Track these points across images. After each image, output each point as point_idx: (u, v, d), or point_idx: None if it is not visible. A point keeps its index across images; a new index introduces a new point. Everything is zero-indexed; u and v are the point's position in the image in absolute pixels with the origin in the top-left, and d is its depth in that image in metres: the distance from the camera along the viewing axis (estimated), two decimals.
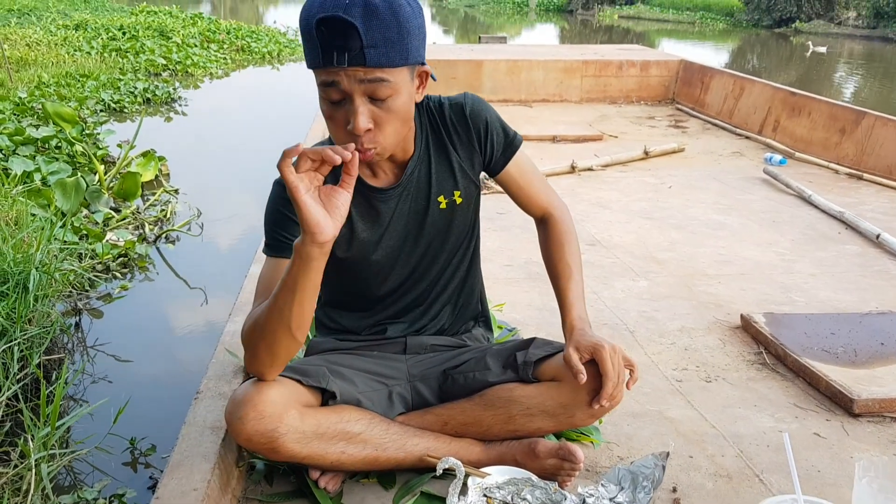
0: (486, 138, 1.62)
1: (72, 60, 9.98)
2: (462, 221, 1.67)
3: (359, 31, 1.26)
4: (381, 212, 1.57)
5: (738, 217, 3.98)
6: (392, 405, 1.68)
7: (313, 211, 1.21)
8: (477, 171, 1.65)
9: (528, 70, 7.78)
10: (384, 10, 1.28)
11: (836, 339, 2.42)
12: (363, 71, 1.29)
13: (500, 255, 3.36)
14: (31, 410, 2.20)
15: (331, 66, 1.29)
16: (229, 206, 5.18)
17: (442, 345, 1.79)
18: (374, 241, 1.59)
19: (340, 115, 1.35)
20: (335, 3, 1.26)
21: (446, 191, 1.61)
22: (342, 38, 1.26)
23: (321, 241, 1.23)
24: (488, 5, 42.11)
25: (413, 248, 1.64)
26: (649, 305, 2.83)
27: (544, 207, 1.77)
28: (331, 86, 1.32)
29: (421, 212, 1.61)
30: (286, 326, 1.33)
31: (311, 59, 1.32)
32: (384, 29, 1.28)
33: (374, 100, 1.34)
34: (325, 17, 1.25)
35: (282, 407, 1.40)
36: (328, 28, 1.26)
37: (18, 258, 2.78)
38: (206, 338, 3.27)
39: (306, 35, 1.31)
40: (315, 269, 1.27)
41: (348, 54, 1.27)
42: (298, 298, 1.30)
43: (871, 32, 24.96)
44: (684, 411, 2.08)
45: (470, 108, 1.60)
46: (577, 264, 1.72)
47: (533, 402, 1.63)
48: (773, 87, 6.24)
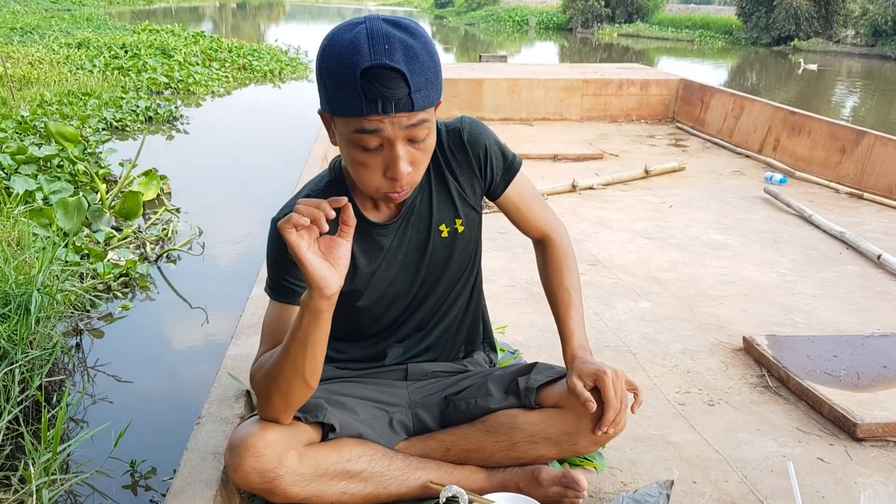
0: (485, 163, 1.60)
1: (74, 79, 10.02)
2: (464, 249, 1.66)
3: (406, 77, 1.22)
4: (382, 246, 1.56)
5: (739, 237, 3.98)
6: (393, 432, 1.67)
7: (318, 267, 1.21)
8: (478, 196, 1.64)
9: (529, 89, 7.81)
10: (422, 52, 1.25)
11: (839, 362, 2.42)
12: (407, 116, 1.26)
13: (501, 275, 3.36)
14: (32, 434, 2.19)
15: (375, 114, 1.24)
16: (231, 224, 5.19)
17: (443, 371, 1.79)
18: (376, 273, 1.58)
19: (376, 161, 1.31)
20: (375, 48, 1.22)
21: (447, 219, 1.60)
22: (390, 87, 1.22)
23: (328, 294, 1.24)
24: (488, 23, 42.32)
25: (414, 278, 1.63)
26: (651, 327, 2.83)
27: (543, 229, 1.76)
28: (370, 133, 1.27)
29: (422, 242, 1.60)
30: (300, 377, 1.34)
31: (349, 107, 1.25)
32: (425, 71, 1.25)
33: (412, 142, 1.31)
34: (372, 66, 1.20)
35: (281, 448, 1.40)
36: (376, 78, 1.21)
37: (20, 280, 2.79)
38: (207, 358, 3.26)
39: (343, 81, 1.23)
40: (325, 320, 1.28)
41: (395, 102, 1.23)
42: (311, 350, 1.31)
43: (869, 50, 25.07)
44: (687, 435, 2.07)
45: (468, 133, 1.57)
46: (576, 289, 1.72)
47: (536, 429, 1.62)
48: (772, 107, 6.26)
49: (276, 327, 1.44)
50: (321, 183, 1.55)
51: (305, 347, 1.31)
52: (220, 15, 47.23)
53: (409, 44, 1.24)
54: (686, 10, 43.64)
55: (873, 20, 24.78)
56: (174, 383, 3.12)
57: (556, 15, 40.72)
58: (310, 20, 48.87)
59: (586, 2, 36.71)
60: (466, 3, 52.43)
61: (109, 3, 44.29)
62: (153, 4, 52.09)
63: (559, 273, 1.72)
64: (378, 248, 1.56)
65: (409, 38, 1.25)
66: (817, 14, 27.69)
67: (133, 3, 49.61)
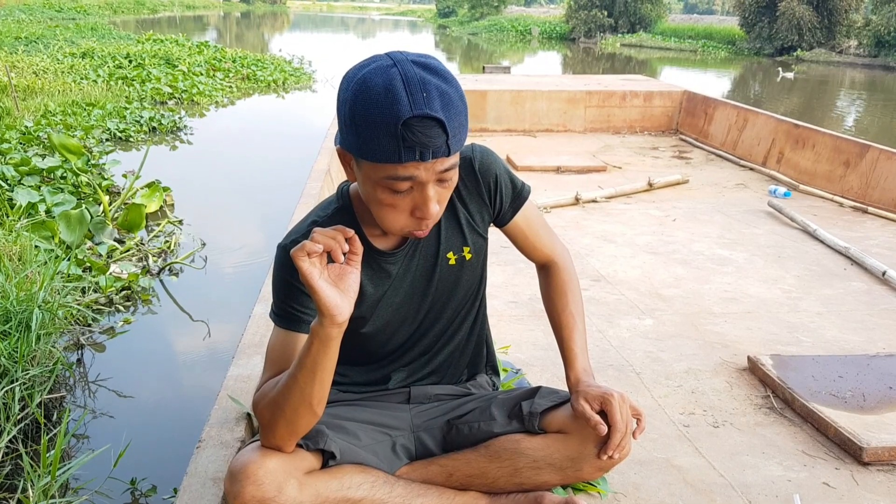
0: (495, 192, 1.60)
1: (78, 88, 10.05)
2: (470, 275, 1.65)
3: (445, 125, 1.22)
4: (390, 273, 1.55)
5: (743, 252, 3.97)
6: (396, 457, 1.66)
7: (329, 294, 1.21)
8: (486, 224, 1.64)
9: (532, 100, 7.81)
10: (455, 97, 1.25)
11: (844, 383, 2.40)
12: (442, 162, 1.26)
13: (504, 290, 3.35)
14: (31, 454, 2.18)
15: (412, 160, 1.23)
16: (233, 237, 5.19)
17: (446, 394, 1.77)
18: (382, 299, 1.57)
19: (405, 202, 1.31)
20: (414, 97, 1.20)
21: (455, 247, 1.60)
22: (430, 136, 1.21)
23: (339, 322, 1.23)
24: (491, 33, 42.42)
25: (420, 305, 1.62)
26: (655, 345, 2.81)
27: (548, 255, 1.76)
28: (404, 180, 1.26)
29: (429, 269, 1.59)
30: (307, 404, 1.33)
31: (385, 154, 1.23)
32: (459, 115, 1.25)
33: (440, 181, 1.31)
34: (413, 116, 1.20)
35: (281, 476, 1.38)
36: (418, 128, 1.20)
37: (22, 296, 2.78)
38: (208, 374, 3.26)
39: (380, 129, 1.22)
40: (334, 347, 1.28)
41: (434, 150, 1.23)
42: (319, 377, 1.30)
43: (872, 61, 25.09)
44: (692, 459, 2.05)
45: (479, 162, 1.57)
46: (580, 313, 1.71)
47: (540, 454, 1.61)
48: (776, 119, 6.25)
49: (281, 354, 1.42)
50: (329, 209, 1.54)
51: (314, 374, 1.30)
52: (224, 24, 47.41)
53: (444, 90, 1.23)
54: (689, 20, 43.75)
55: (876, 31, 24.80)
56: (175, 399, 3.11)
57: (559, 25, 40.84)
58: (313, 29, 48.98)
59: (589, 12, 36.83)
60: (470, 12, 52.61)
61: (114, 12, 44.49)
62: (157, 13, 52.30)
63: (563, 297, 1.71)
64: (385, 275, 1.55)
65: (443, 84, 1.24)
66: (820, 24, 27.74)
67: (137, 12, 49.80)
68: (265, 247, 4.89)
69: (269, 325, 2.41)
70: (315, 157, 5.00)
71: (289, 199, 4.93)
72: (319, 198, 3.87)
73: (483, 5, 51.62)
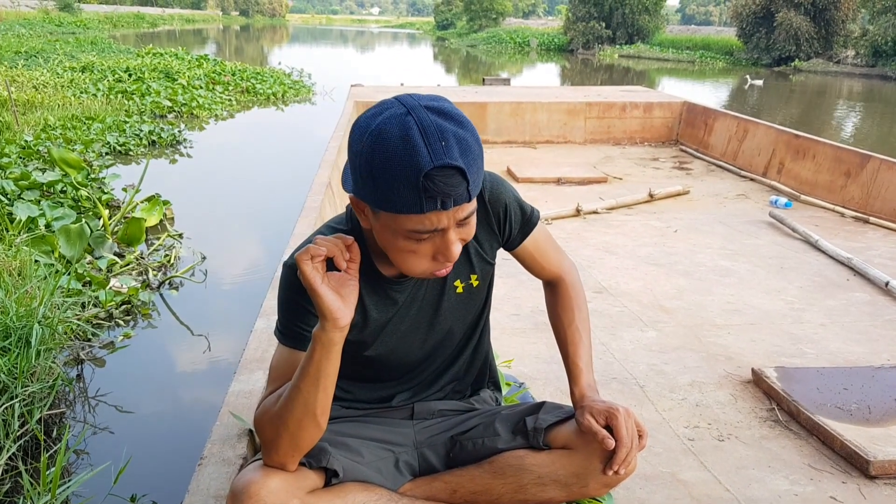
0: (504, 221, 1.59)
1: (78, 102, 10.06)
2: (477, 301, 1.65)
3: (466, 174, 1.20)
4: (396, 301, 1.54)
5: (745, 263, 3.96)
6: (399, 473, 1.64)
7: (331, 298, 1.22)
8: (494, 251, 1.63)
9: (532, 112, 7.83)
10: (472, 142, 1.23)
11: (850, 395, 2.38)
12: (463, 208, 1.24)
13: (506, 302, 3.33)
14: (31, 472, 2.16)
15: (434, 210, 1.21)
16: (233, 250, 5.17)
17: (450, 409, 1.76)
18: (387, 326, 1.56)
19: (426, 248, 1.29)
20: (433, 148, 1.18)
21: (463, 275, 1.58)
22: (452, 185, 1.20)
23: (342, 325, 1.24)
24: (490, 45, 42.58)
25: (427, 334, 1.61)
26: (659, 358, 2.80)
27: (556, 273, 1.75)
28: (426, 231, 1.25)
29: (436, 298, 1.58)
30: (311, 414, 1.31)
31: (406, 206, 1.21)
32: (476, 160, 1.23)
33: (459, 225, 1.29)
34: (435, 167, 1.17)
35: (284, 496, 1.36)
36: (439, 178, 1.18)
37: (21, 312, 2.76)
38: (209, 388, 3.24)
39: (400, 180, 1.19)
40: (337, 352, 1.28)
41: (455, 198, 1.21)
42: (323, 384, 1.29)
43: (869, 71, 25.18)
44: (697, 473, 2.04)
45: (489, 192, 1.55)
46: (586, 329, 1.70)
47: (544, 470, 1.59)
48: (776, 130, 6.26)
49: (284, 372, 1.41)
50: (337, 231, 1.52)
51: (318, 382, 1.29)
52: (224, 37, 47.59)
53: (461, 136, 1.21)
54: (686, 31, 43.97)
55: (873, 41, 24.91)
56: (176, 414, 3.08)
57: (558, 36, 41.03)
58: (312, 42, 49.16)
59: (587, 23, 37.00)
60: (468, 24, 52.88)
61: (113, 26, 44.67)
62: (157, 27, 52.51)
63: (570, 312, 1.70)
64: (391, 302, 1.54)
65: (460, 130, 1.22)
66: (817, 35, 27.87)
67: (137, 26, 50.02)
68: (266, 260, 4.88)
69: (270, 340, 2.40)
70: (315, 170, 5.00)
71: (289, 213, 4.92)
72: (321, 211, 3.87)
73: (481, 17, 51.89)
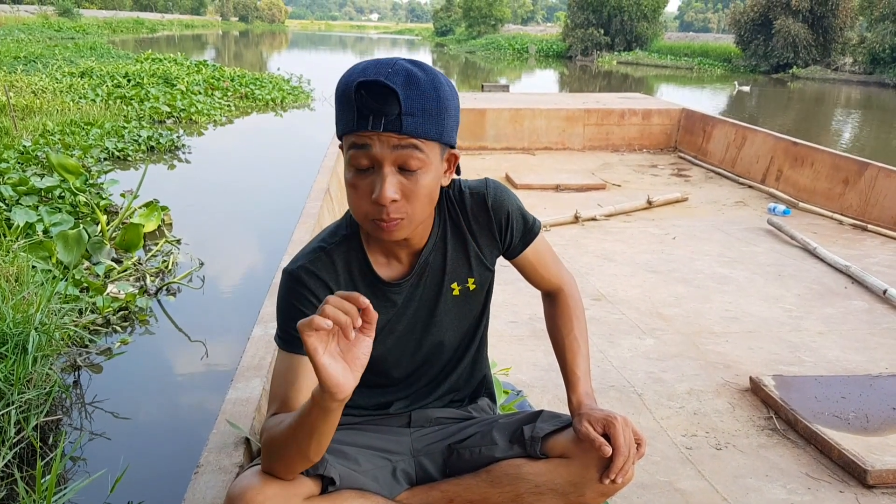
0: (506, 229, 1.60)
1: (76, 108, 10.06)
2: (474, 307, 1.64)
3: (398, 97, 1.26)
4: (395, 303, 1.54)
5: (743, 270, 3.95)
6: (396, 482, 1.63)
7: (333, 371, 1.16)
8: (493, 258, 1.63)
9: (531, 119, 7.83)
10: (425, 83, 1.29)
11: (847, 404, 2.38)
12: (397, 138, 1.28)
13: (504, 310, 3.33)
14: (26, 479, 2.15)
15: (365, 129, 1.28)
16: (231, 256, 5.17)
17: (447, 417, 1.75)
18: (385, 328, 1.56)
19: (366, 183, 1.33)
20: (377, 70, 1.27)
21: (460, 278, 1.59)
22: (381, 103, 1.26)
23: (341, 398, 1.20)
24: (488, 51, 42.68)
25: (423, 335, 1.60)
26: (657, 366, 2.79)
27: (555, 284, 1.75)
28: (361, 149, 1.30)
29: (433, 299, 1.58)
30: (304, 456, 1.32)
31: (346, 123, 1.31)
32: (423, 100, 1.28)
33: (403, 170, 1.32)
34: (365, 80, 1.25)
35: (281, 502, 1.36)
36: (368, 92, 1.26)
37: (18, 318, 2.75)
38: (205, 395, 3.23)
39: (343, 99, 1.30)
40: (335, 416, 1.25)
41: (385, 119, 1.27)
42: (317, 438, 1.28)
43: (867, 78, 25.24)
44: (695, 482, 2.03)
45: (492, 198, 1.57)
46: (584, 339, 1.70)
47: (542, 479, 1.58)
48: (774, 137, 6.27)
49: (286, 380, 1.41)
50: (336, 235, 1.53)
51: (311, 437, 1.28)
52: (223, 43, 47.66)
53: (413, 73, 1.28)
54: (685, 38, 44.09)
55: (871, 48, 24.98)
56: (172, 421, 3.07)
57: (556, 43, 41.11)
58: (312, 48, 49.24)
59: (586, 30, 37.08)
60: (467, 31, 52.98)
61: (113, 31, 44.73)
62: (156, 33, 52.56)
63: (569, 322, 1.70)
64: (390, 304, 1.54)
65: (418, 71, 1.29)
66: (815, 42, 27.95)
67: (136, 31, 50.07)
68: (264, 267, 4.88)
69: (267, 348, 2.39)
70: (314, 176, 5.00)
71: (288, 219, 4.92)
72: (319, 217, 3.86)
73: (480, 24, 51.99)
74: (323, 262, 1.47)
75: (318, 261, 1.47)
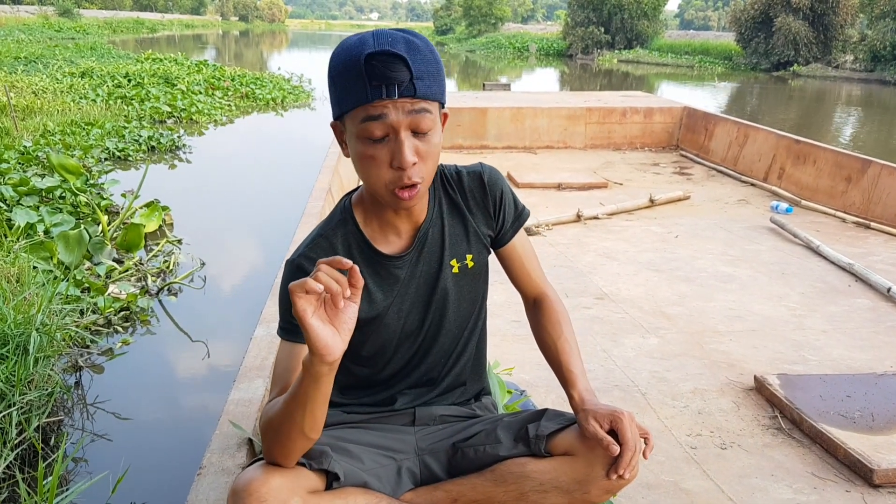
0: (500, 206, 1.64)
1: (77, 108, 10.05)
2: (473, 288, 1.65)
3: (408, 63, 1.29)
4: (398, 277, 1.56)
5: (746, 269, 3.94)
6: (400, 481, 1.63)
7: (322, 334, 1.20)
8: (489, 237, 1.65)
9: (533, 117, 7.82)
10: (423, 48, 1.33)
11: (853, 403, 2.37)
12: (411, 102, 1.31)
13: (506, 309, 3.32)
14: (28, 481, 2.14)
15: (380, 98, 1.29)
16: (232, 256, 5.16)
17: (451, 415, 1.74)
18: (391, 306, 1.57)
19: (383, 152, 1.35)
20: (379, 40, 1.30)
21: (459, 254, 1.60)
22: (393, 71, 1.29)
23: (330, 361, 1.23)
24: (489, 50, 42.64)
25: (424, 314, 1.61)
26: (660, 365, 2.78)
27: (541, 287, 1.76)
28: (376, 119, 1.32)
29: (433, 275, 1.59)
30: (299, 431, 1.33)
31: (356, 96, 1.32)
32: (426, 63, 1.33)
33: (416, 134, 1.35)
34: (375, 51, 1.28)
35: (285, 494, 1.36)
36: (379, 62, 1.28)
37: (19, 319, 2.74)
38: (208, 396, 3.22)
39: (349, 74, 1.32)
40: (326, 382, 1.27)
41: (398, 86, 1.30)
42: (310, 409, 1.29)
43: (868, 76, 25.20)
44: (700, 482, 2.02)
45: (488, 176, 1.63)
46: (575, 343, 1.70)
47: (546, 477, 1.57)
48: (777, 135, 6.25)
49: (286, 367, 1.44)
50: (333, 221, 1.56)
51: (305, 407, 1.29)
52: (223, 43, 47.66)
53: (410, 39, 1.33)
54: (685, 36, 44.06)
55: (872, 46, 24.94)
56: (175, 422, 3.06)
57: (557, 41, 41.08)
58: (311, 47, 49.22)
59: (586, 28, 37.04)
60: (467, 29, 52.96)
61: (113, 31, 44.73)
62: (157, 33, 52.58)
63: (558, 327, 1.71)
64: (393, 280, 1.55)
65: (412, 37, 1.34)
66: (816, 40, 27.90)
67: (136, 31, 50.07)
68: (265, 267, 4.86)
69: (270, 348, 2.38)
70: (316, 175, 4.99)
71: (289, 219, 4.91)
72: (321, 216, 3.85)
73: (480, 22, 51.97)
74: (322, 247, 1.50)
75: (318, 247, 1.50)
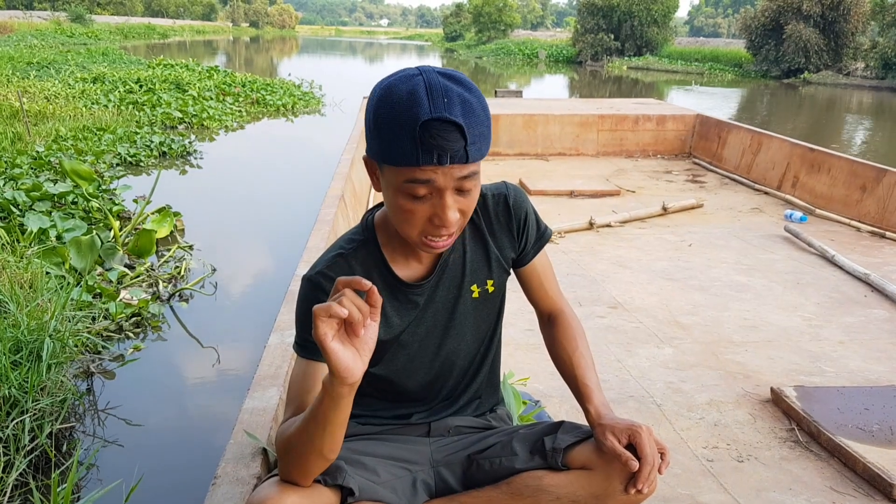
0: (524, 228, 1.61)
1: (89, 113, 10.10)
2: (491, 310, 1.63)
3: (464, 130, 1.24)
4: (417, 304, 1.54)
5: (760, 278, 3.91)
6: (416, 493, 1.61)
7: (342, 356, 1.18)
8: (510, 260, 1.63)
9: (545, 124, 7.81)
10: (477, 107, 1.27)
11: (871, 416, 2.34)
12: (460, 168, 1.27)
13: (520, 317, 3.30)
14: (42, 489, 2.13)
15: (430, 164, 1.25)
16: (244, 263, 5.16)
17: (467, 426, 1.73)
18: (406, 330, 1.55)
19: (423, 209, 1.32)
20: (434, 101, 1.24)
21: (479, 280, 1.58)
22: (448, 140, 1.23)
23: (350, 382, 1.21)
24: (498, 56, 42.69)
25: (443, 340, 1.59)
26: (676, 375, 2.75)
27: (558, 304, 1.75)
28: (422, 183, 1.28)
29: (452, 301, 1.57)
30: (318, 453, 1.31)
31: (405, 157, 1.26)
32: (479, 125, 1.27)
33: (459, 191, 1.32)
34: (432, 118, 1.22)
35: None
36: (435, 129, 1.23)
37: (33, 326, 2.74)
38: (220, 403, 3.21)
39: (402, 132, 1.25)
40: (345, 405, 1.25)
41: (451, 154, 1.24)
42: (329, 430, 1.27)
43: (879, 83, 25.08)
44: (717, 496, 1.99)
45: (513, 198, 1.60)
46: (590, 357, 1.69)
47: (563, 491, 1.56)
48: (791, 143, 6.21)
49: (302, 386, 1.41)
50: (353, 242, 1.53)
51: (324, 429, 1.27)
52: (234, 49, 47.87)
53: (465, 98, 1.26)
54: (695, 42, 43.99)
55: (883, 53, 24.83)
56: (187, 429, 3.06)
57: (566, 48, 41.11)
58: (322, 53, 49.37)
59: (596, 35, 37.05)
60: (477, 36, 53.06)
61: (125, 37, 44.99)
62: (168, 38, 52.87)
63: (574, 341, 1.69)
64: (412, 306, 1.53)
65: (466, 93, 1.27)
66: (826, 47, 27.81)
67: (148, 37, 50.37)
68: (278, 273, 4.86)
69: (284, 356, 2.37)
70: (328, 182, 4.98)
71: (302, 225, 4.90)
72: (334, 224, 3.84)
73: (490, 29, 52.07)
74: (341, 267, 1.47)
75: (337, 266, 1.47)
